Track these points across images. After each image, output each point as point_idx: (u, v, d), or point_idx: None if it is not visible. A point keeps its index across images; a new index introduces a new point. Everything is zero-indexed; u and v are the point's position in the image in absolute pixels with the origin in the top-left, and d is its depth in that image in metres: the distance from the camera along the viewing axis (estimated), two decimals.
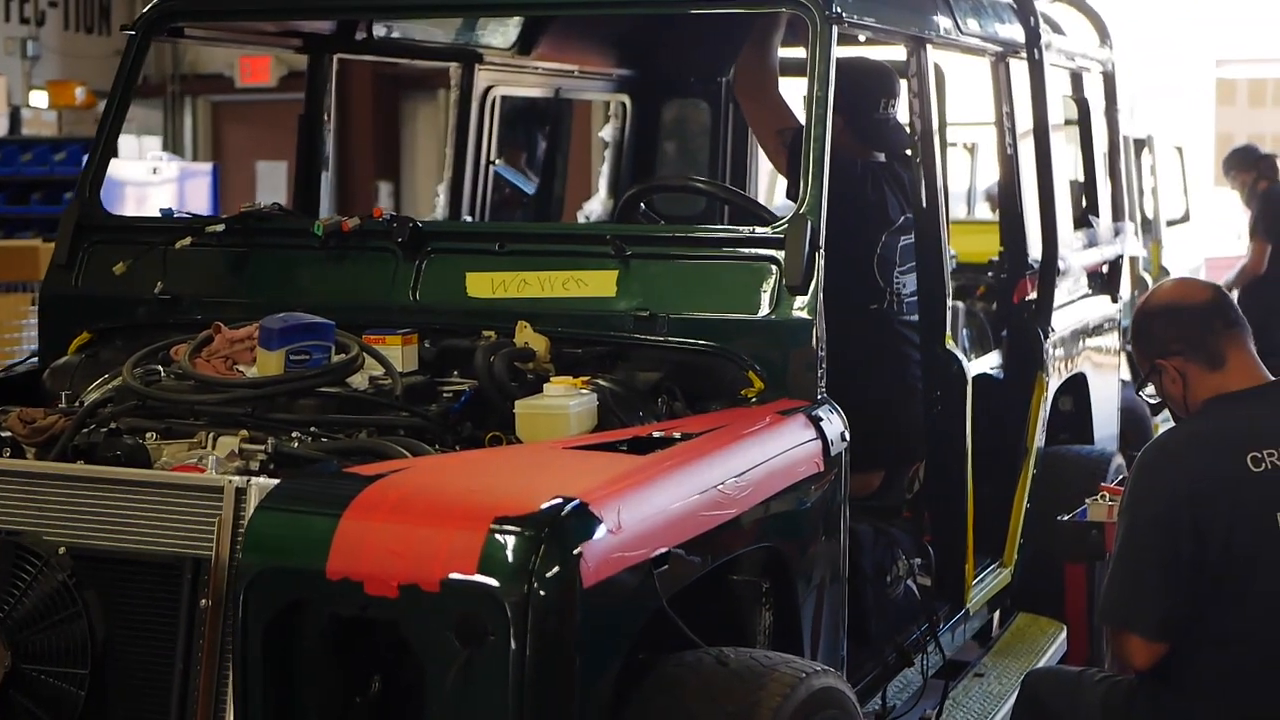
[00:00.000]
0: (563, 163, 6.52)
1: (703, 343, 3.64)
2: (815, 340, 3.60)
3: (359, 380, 3.50)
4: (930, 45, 4.41)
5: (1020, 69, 5.08)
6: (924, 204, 4.45)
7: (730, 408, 3.59)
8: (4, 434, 3.35)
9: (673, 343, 3.66)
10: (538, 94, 6.22)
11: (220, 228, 4.04)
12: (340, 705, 2.78)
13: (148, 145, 15.03)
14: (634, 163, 6.35)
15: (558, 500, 2.72)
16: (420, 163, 17.94)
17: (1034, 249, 5.15)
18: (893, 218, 4.56)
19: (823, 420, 3.57)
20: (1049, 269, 5.18)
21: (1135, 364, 3.89)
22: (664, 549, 2.87)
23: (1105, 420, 5.98)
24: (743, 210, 4.53)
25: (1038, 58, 5.09)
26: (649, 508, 2.88)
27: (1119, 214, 6.35)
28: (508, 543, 2.63)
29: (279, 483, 2.91)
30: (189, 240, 4.04)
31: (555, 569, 2.62)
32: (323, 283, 3.94)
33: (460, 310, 3.80)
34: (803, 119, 3.76)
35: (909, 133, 4.52)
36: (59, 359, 4.01)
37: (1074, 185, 6.05)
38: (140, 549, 2.92)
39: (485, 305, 3.79)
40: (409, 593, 2.64)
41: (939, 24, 4.46)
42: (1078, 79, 5.91)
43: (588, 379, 3.53)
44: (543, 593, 2.60)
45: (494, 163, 5.81)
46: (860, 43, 4.47)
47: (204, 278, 4.05)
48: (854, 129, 4.51)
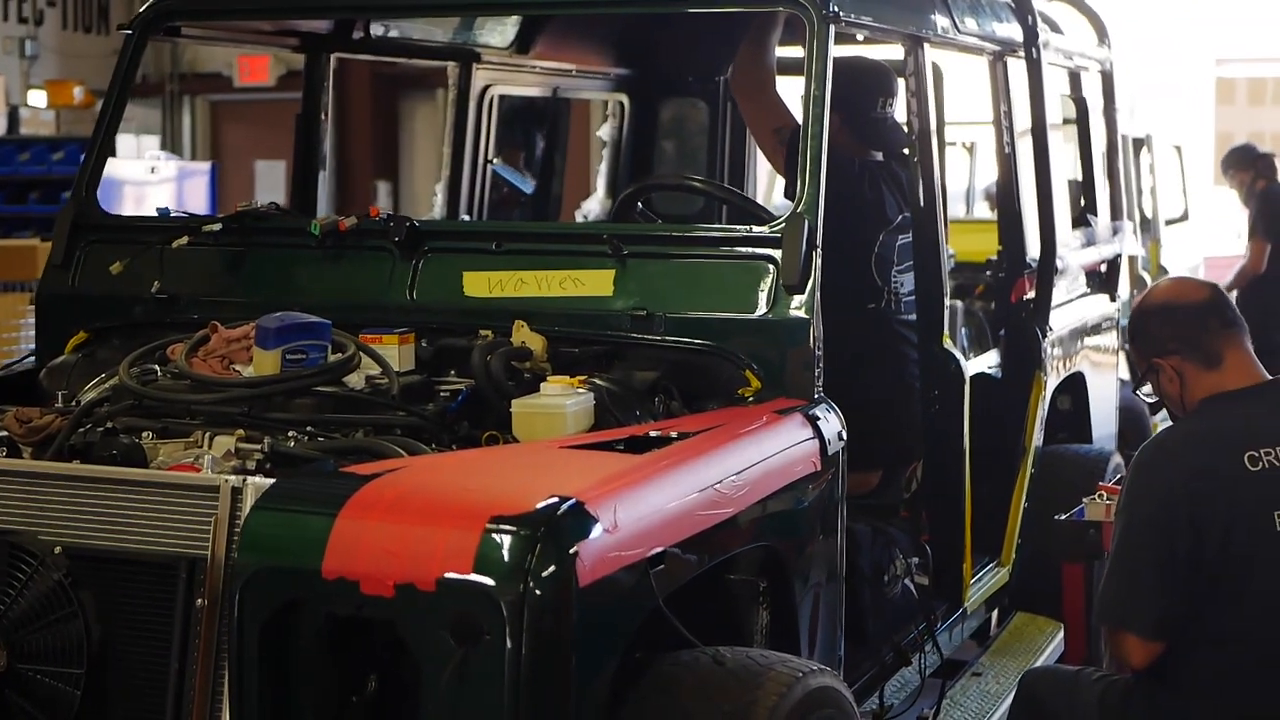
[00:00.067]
0: (560, 162, 6.52)
1: (700, 342, 3.64)
2: (812, 339, 3.59)
3: (355, 379, 3.50)
4: (928, 44, 4.41)
5: (1018, 68, 5.08)
6: (922, 203, 4.45)
7: (727, 407, 3.59)
8: (0, 433, 3.35)
9: (670, 342, 3.66)
10: (535, 93, 6.21)
11: (217, 227, 4.04)
12: (336, 705, 2.78)
13: (146, 144, 15.02)
14: (632, 162, 6.34)
15: (554, 499, 2.72)
16: (419, 162, 17.93)
17: (1032, 248, 5.15)
18: (890, 217, 4.56)
19: (820, 419, 3.57)
20: (1047, 268, 5.18)
21: (1133, 363, 3.89)
22: (660, 548, 2.87)
23: (1103, 419, 5.98)
24: (740, 209, 4.53)
25: (1036, 57, 5.10)
26: (645, 507, 2.88)
27: (1117, 213, 6.36)
28: (504, 542, 2.63)
29: (275, 482, 2.91)
30: (186, 240, 4.04)
31: (551, 568, 2.62)
32: (319, 282, 3.94)
33: (457, 309, 3.80)
34: (800, 118, 3.76)
35: (907, 132, 4.52)
36: (56, 358, 4.01)
37: (1072, 184, 6.05)
38: (136, 548, 2.92)
39: (482, 304, 3.79)
40: (405, 592, 2.64)
41: (937, 23, 4.46)
42: (1076, 78, 5.91)
43: (584, 378, 3.53)
44: (538, 592, 2.60)
45: (492, 162, 5.81)
46: (858, 42, 4.46)
47: (201, 277, 4.05)
48: (852, 128, 4.51)
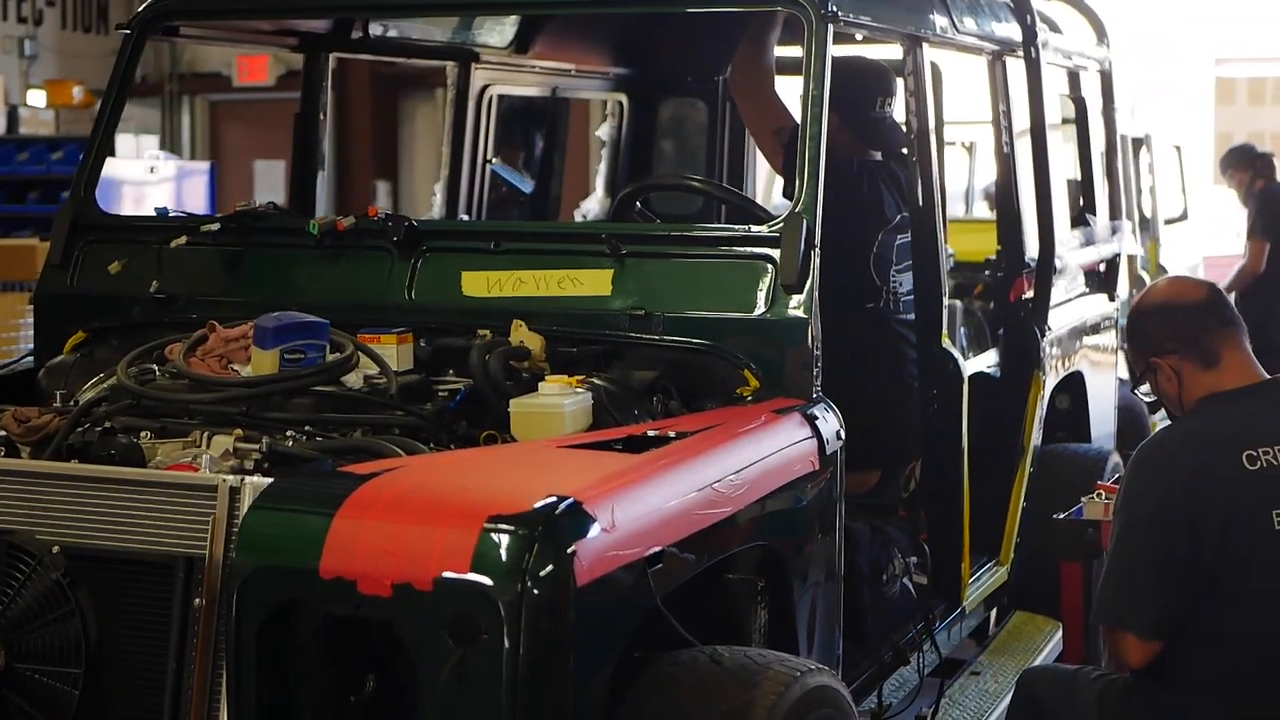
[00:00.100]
0: (559, 161, 6.51)
1: (698, 341, 3.64)
2: (811, 339, 3.59)
3: (354, 379, 3.50)
4: (927, 44, 4.40)
5: (1017, 68, 5.08)
6: (920, 202, 4.44)
7: (725, 406, 3.59)
8: None
9: (668, 341, 3.66)
10: (534, 93, 6.21)
11: (215, 227, 4.04)
12: (334, 704, 2.77)
13: (145, 144, 15.02)
14: (631, 162, 6.33)
15: (552, 499, 2.72)
16: (418, 162, 17.92)
17: (1031, 248, 5.15)
18: (889, 216, 4.56)
19: (818, 419, 3.57)
20: (1046, 267, 5.18)
21: (1131, 362, 3.89)
22: (658, 547, 2.87)
23: (1102, 418, 5.98)
24: (739, 209, 4.52)
25: (1035, 56, 5.09)
26: (643, 506, 2.88)
27: (1116, 213, 6.36)
28: (501, 541, 2.63)
29: (273, 482, 2.91)
30: (184, 239, 4.03)
31: (549, 568, 2.62)
32: (318, 282, 3.94)
33: (455, 309, 3.80)
34: (799, 118, 3.76)
35: (905, 131, 4.51)
36: (54, 358, 4.01)
37: (1071, 184, 6.04)
38: (134, 548, 2.92)
39: (480, 304, 3.78)
40: (403, 592, 2.64)
41: (935, 22, 4.46)
42: (1075, 78, 5.91)
43: (583, 378, 3.52)
44: (536, 591, 2.60)
45: (491, 162, 5.81)
46: (856, 41, 4.46)
47: (199, 277, 4.04)
48: (850, 128, 4.51)
